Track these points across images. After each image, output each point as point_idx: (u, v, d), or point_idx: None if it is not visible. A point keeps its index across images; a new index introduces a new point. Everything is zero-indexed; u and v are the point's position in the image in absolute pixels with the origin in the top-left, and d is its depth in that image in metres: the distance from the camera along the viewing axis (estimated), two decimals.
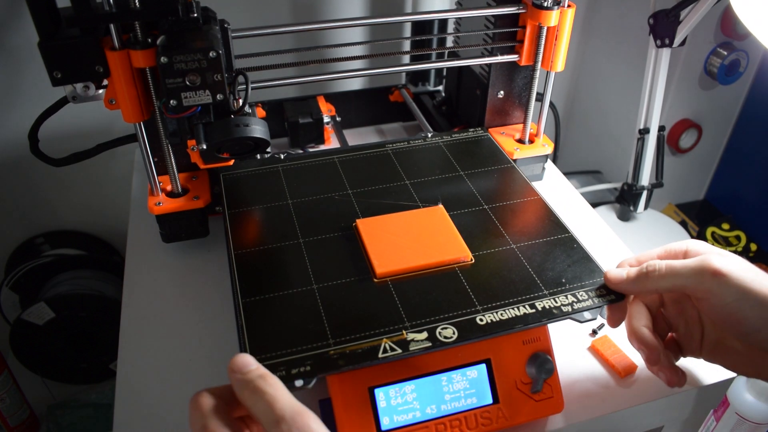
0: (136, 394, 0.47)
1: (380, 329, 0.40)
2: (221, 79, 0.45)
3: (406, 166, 0.58)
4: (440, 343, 0.39)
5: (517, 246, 0.48)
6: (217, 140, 0.48)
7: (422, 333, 0.40)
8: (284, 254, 0.47)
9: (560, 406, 0.44)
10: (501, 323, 0.41)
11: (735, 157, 1.02)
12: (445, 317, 0.41)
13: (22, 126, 0.58)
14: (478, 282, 0.45)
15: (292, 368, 0.38)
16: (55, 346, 0.83)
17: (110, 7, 0.42)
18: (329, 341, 0.40)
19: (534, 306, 0.42)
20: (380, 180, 0.56)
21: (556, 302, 0.43)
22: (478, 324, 0.41)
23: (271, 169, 0.57)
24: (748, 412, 0.75)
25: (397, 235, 0.48)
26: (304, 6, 0.80)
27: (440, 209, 0.51)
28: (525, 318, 0.41)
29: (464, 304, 0.42)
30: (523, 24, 0.59)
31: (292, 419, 0.32)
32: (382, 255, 0.46)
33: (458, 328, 0.41)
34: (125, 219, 0.64)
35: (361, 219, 0.50)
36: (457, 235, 0.48)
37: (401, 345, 0.39)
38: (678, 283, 0.40)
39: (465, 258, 0.46)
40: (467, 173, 0.57)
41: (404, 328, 0.40)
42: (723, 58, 0.87)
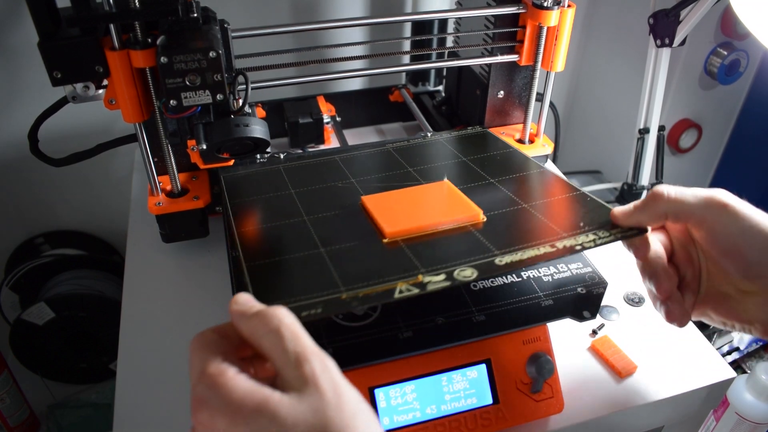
0: (136, 394, 0.47)
1: (395, 276, 0.38)
2: (221, 79, 0.45)
3: (407, 158, 0.58)
4: (458, 281, 0.38)
5: (530, 205, 0.47)
6: (217, 140, 0.48)
7: (440, 275, 0.38)
8: (288, 230, 0.46)
9: (560, 406, 0.44)
10: (522, 262, 0.39)
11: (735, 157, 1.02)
12: (462, 261, 0.40)
13: (22, 126, 0.57)
14: (493, 235, 0.43)
15: (302, 311, 0.35)
16: (55, 346, 0.83)
17: (110, 7, 0.42)
18: (340, 289, 0.38)
19: (554, 245, 0.41)
20: (382, 169, 0.55)
21: (578, 240, 0.41)
22: (497, 264, 0.39)
23: (271, 168, 0.57)
24: (748, 412, 0.75)
25: (405, 205, 0.48)
26: (304, 6, 0.80)
27: (446, 183, 0.51)
28: (547, 255, 0.40)
29: (480, 250, 0.41)
30: (523, 24, 0.59)
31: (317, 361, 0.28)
32: (390, 219, 0.45)
33: (477, 268, 0.39)
34: (125, 219, 0.64)
35: (366, 195, 0.49)
36: (466, 199, 0.47)
37: (418, 286, 0.37)
38: (686, 210, 0.40)
39: (476, 217, 0.45)
40: (470, 158, 0.57)
41: (419, 273, 0.39)
42: (723, 58, 0.87)
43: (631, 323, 0.52)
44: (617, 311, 0.53)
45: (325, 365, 0.29)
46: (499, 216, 0.46)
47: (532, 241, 0.42)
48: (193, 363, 0.30)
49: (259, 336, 0.30)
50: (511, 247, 0.41)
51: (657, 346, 0.50)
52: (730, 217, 0.39)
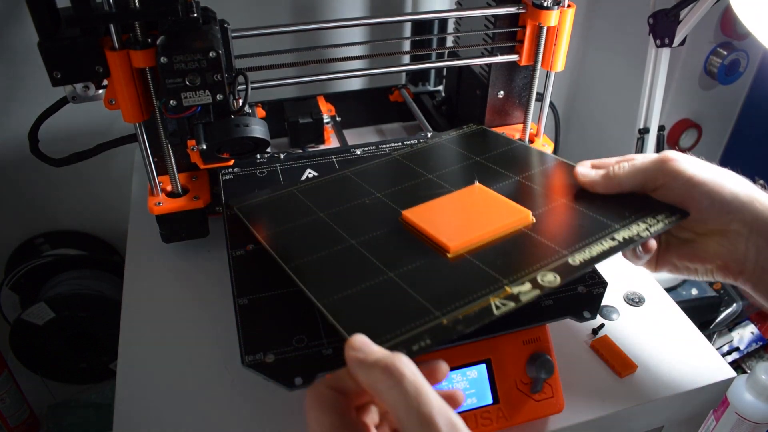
0: (136, 394, 0.47)
1: (479, 292, 0.38)
2: (221, 79, 0.45)
3: (421, 164, 0.57)
4: (546, 288, 0.38)
5: (567, 200, 0.48)
6: (217, 140, 0.48)
7: (525, 284, 0.38)
8: (342, 258, 0.44)
9: (560, 406, 0.44)
10: (594, 259, 0.40)
11: (735, 157, 1.02)
12: (539, 266, 0.40)
13: (22, 126, 0.57)
14: (550, 234, 0.43)
15: (412, 345, 0.34)
16: (55, 346, 0.83)
17: (110, 7, 0.42)
18: (435, 314, 0.37)
19: (614, 238, 0.42)
20: (402, 179, 0.54)
21: (633, 230, 0.42)
22: (572, 264, 0.39)
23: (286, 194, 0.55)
24: (748, 412, 0.75)
25: (450, 215, 0.47)
26: (304, 6, 0.80)
27: (479, 186, 0.50)
28: (612, 250, 0.41)
29: (549, 253, 0.41)
30: (523, 24, 0.59)
31: (443, 420, 0.26)
32: (447, 232, 0.44)
33: (556, 272, 0.39)
34: (125, 219, 0.64)
35: (406, 210, 0.47)
36: (508, 201, 0.47)
37: (511, 299, 0.37)
38: (640, 177, 0.45)
39: (527, 218, 0.45)
40: (483, 157, 0.57)
41: (504, 284, 0.38)
42: (723, 58, 0.87)
43: (631, 323, 0.52)
44: (617, 311, 0.53)
45: (453, 424, 0.27)
46: (545, 214, 0.46)
47: (591, 236, 0.42)
48: (311, 425, 0.29)
49: (380, 390, 0.28)
50: (575, 245, 0.42)
51: (657, 346, 0.50)
52: (678, 172, 0.43)
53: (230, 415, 0.45)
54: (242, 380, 0.47)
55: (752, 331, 0.89)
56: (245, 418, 0.45)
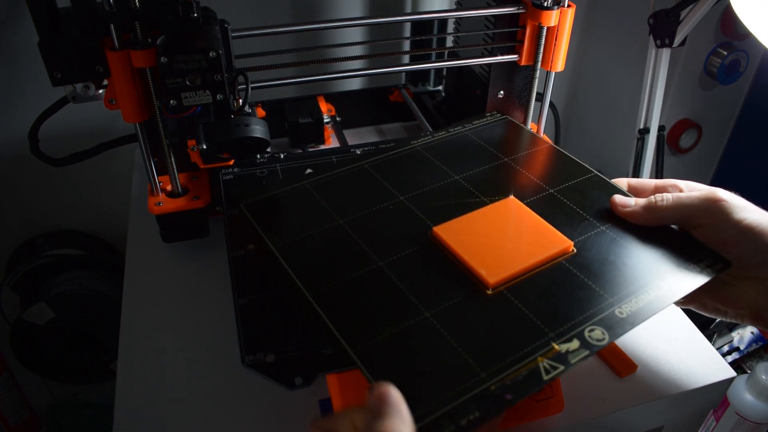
0: (136, 394, 0.47)
1: (524, 347, 0.36)
2: (221, 79, 0.45)
3: (444, 160, 0.53)
4: (596, 347, 0.36)
5: (607, 227, 0.45)
6: (217, 140, 0.48)
7: (573, 341, 0.36)
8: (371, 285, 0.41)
9: (560, 406, 0.44)
10: (640, 312, 0.38)
11: (735, 157, 1.02)
12: (585, 318, 0.38)
13: (22, 126, 0.57)
14: (593, 271, 0.41)
15: (461, 419, 0.32)
16: (55, 346, 0.83)
17: (110, 7, 0.42)
18: (480, 375, 0.34)
19: (660, 287, 0.40)
20: (426, 180, 0.51)
21: (678, 279, 0.41)
22: (620, 317, 0.38)
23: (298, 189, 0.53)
24: (748, 412, 0.75)
25: (485, 236, 0.43)
26: (304, 6, 0.80)
27: (513, 200, 0.47)
28: (658, 301, 0.39)
29: (595, 300, 0.39)
30: (523, 24, 0.59)
31: None
32: (485, 262, 0.41)
33: (603, 326, 0.37)
34: (125, 219, 0.64)
35: (437, 226, 0.44)
36: (547, 225, 0.45)
37: (560, 360, 0.35)
38: (684, 214, 0.43)
39: (568, 248, 0.43)
40: (512, 158, 0.54)
41: (551, 339, 0.36)
42: (723, 58, 0.87)
43: None
44: None
45: None
46: (586, 243, 0.44)
47: (635, 282, 0.40)
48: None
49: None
50: (618, 291, 0.40)
51: (657, 346, 0.50)
52: (725, 215, 0.41)
53: (230, 415, 0.45)
54: (242, 380, 0.47)
55: (752, 331, 0.89)
56: (245, 418, 0.45)
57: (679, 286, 0.40)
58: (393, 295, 0.40)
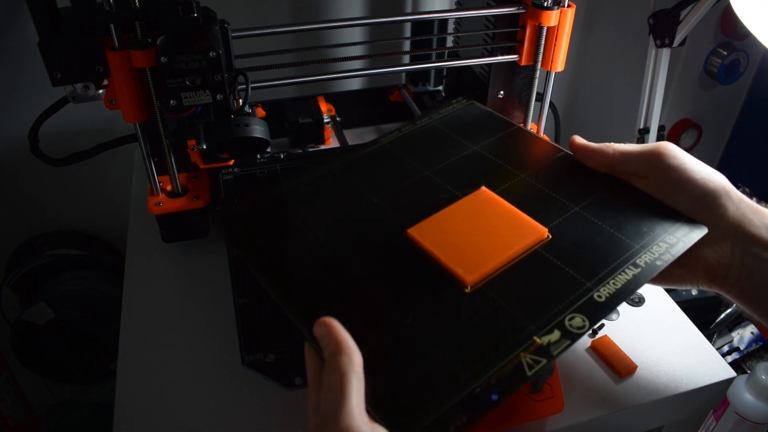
0: (136, 394, 0.47)
1: (506, 344, 0.35)
2: (221, 79, 0.45)
3: (413, 154, 0.52)
4: (577, 336, 0.35)
5: (580, 207, 0.45)
6: (217, 140, 0.48)
7: (554, 332, 0.36)
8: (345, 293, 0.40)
9: (560, 406, 0.44)
10: (618, 293, 0.38)
11: (735, 157, 1.02)
12: (563, 306, 0.37)
13: (22, 126, 0.57)
14: (569, 257, 0.41)
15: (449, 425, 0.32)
16: (55, 346, 0.83)
17: (110, 7, 0.42)
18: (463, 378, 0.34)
19: (637, 264, 0.40)
20: (396, 177, 0.50)
21: (654, 253, 0.40)
22: (598, 301, 0.37)
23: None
24: (748, 412, 0.75)
25: (460, 233, 0.43)
26: (304, 6, 0.80)
27: (485, 191, 0.46)
28: (636, 279, 0.38)
29: (572, 286, 0.39)
30: (523, 24, 0.59)
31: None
32: (462, 261, 0.40)
33: (583, 312, 0.37)
34: (125, 219, 0.64)
35: (412, 228, 0.43)
36: (521, 214, 0.44)
37: (542, 353, 0.35)
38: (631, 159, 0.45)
39: (543, 235, 0.42)
40: (481, 146, 0.53)
41: (532, 333, 0.36)
42: (723, 58, 0.87)
43: (631, 323, 0.52)
44: (617, 311, 0.53)
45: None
46: (559, 228, 0.43)
47: (612, 262, 0.40)
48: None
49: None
50: (596, 274, 0.39)
51: (657, 346, 0.50)
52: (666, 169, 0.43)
53: (230, 415, 0.45)
54: (242, 380, 0.47)
55: (752, 331, 0.89)
56: (245, 418, 0.45)
57: (655, 263, 0.40)
58: (372, 303, 0.39)
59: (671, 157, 0.43)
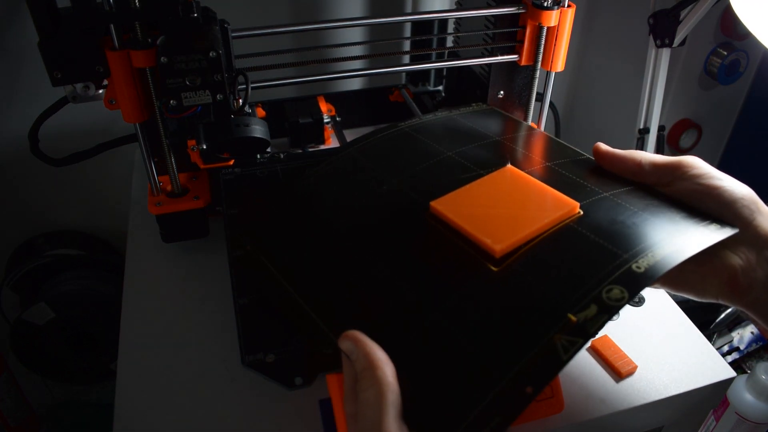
0: (136, 394, 0.47)
1: (539, 327, 0.33)
2: (221, 79, 0.45)
3: (435, 139, 0.50)
4: (615, 308, 0.33)
5: (611, 194, 0.43)
6: (217, 140, 0.48)
7: (591, 307, 0.33)
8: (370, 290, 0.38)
9: (560, 406, 0.44)
10: (658, 265, 0.35)
11: (735, 157, 1.02)
12: (601, 278, 0.34)
13: (22, 126, 0.57)
14: (604, 231, 0.38)
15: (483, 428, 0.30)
16: (55, 346, 0.83)
17: (110, 7, 0.42)
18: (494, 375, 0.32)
19: (674, 243, 0.37)
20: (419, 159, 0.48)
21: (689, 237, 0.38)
22: (637, 272, 0.35)
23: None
24: (748, 412, 0.75)
25: (487, 206, 0.40)
26: (304, 6, 0.80)
27: (512, 169, 0.44)
28: (675, 254, 0.36)
29: (608, 258, 0.36)
30: (523, 24, 0.59)
31: None
32: (489, 230, 0.38)
33: (621, 284, 0.34)
34: (125, 219, 0.64)
35: (435, 200, 0.41)
36: (550, 189, 0.42)
37: (578, 332, 0.32)
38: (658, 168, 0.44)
39: (574, 209, 0.40)
40: (504, 138, 0.51)
41: (566, 311, 0.33)
42: (723, 58, 0.87)
43: (631, 323, 0.52)
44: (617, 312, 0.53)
45: None
46: (592, 206, 0.41)
47: (649, 238, 0.37)
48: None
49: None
50: (633, 247, 0.36)
51: (657, 346, 0.50)
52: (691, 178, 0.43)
53: (230, 415, 0.45)
54: (242, 380, 0.47)
55: (752, 331, 0.89)
56: (245, 418, 0.45)
57: (693, 242, 0.37)
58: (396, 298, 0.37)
59: (697, 168, 0.43)
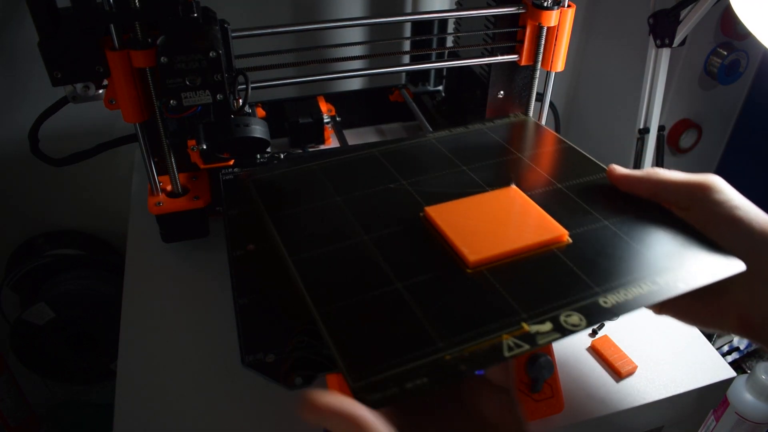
0: (136, 394, 0.47)
1: (492, 324, 0.35)
2: (221, 79, 0.45)
3: (456, 152, 0.53)
4: (569, 332, 0.34)
5: (611, 222, 0.43)
6: (217, 140, 0.48)
7: (546, 324, 0.35)
8: (350, 256, 0.41)
9: (560, 406, 0.44)
10: (626, 304, 0.36)
11: (735, 157, 1.02)
12: (564, 303, 0.36)
13: (22, 126, 0.58)
14: (584, 262, 0.39)
15: (406, 382, 0.32)
16: (55, 346, 0.83)
17: (110, 7, 0.42)
18: (438, 344, 0.34)
19: (655, 281, 0.38)
20: (432, 167, 0.50)
21: (677, 276, 0.38)
22: (603, 306, 0.36)
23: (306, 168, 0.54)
24: (748, 412, 0.75)
25: (476, 220, 0.42)
26: (304, 6, 0.80)
27: (514, 189, 0.46)
28: (650, 295, 0.37)
29: (579, 287, 0.37)
30: (523, 24, 0.59)
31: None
32: (470, 241, 0.40)
33: (583, 313, 0.35)
34: (125, 219, 0.64)
35: (430, 206, 0.44)
36: (544, 213, 0.43)
37: (526, 339, 0.34)
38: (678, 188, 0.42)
39: (562, 237, 0.41)
40: (526, 155, 0.52)
41: (522, 320, 0.35)
42: (723, 58, 0.87)
43: (631, 323, 0.52)
44: None
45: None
46: (583, 235, 0.42)
47: (628, 275, 0.38)
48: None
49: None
50: (609, 282, 0.38)
51: (657, 346, 0.50)
52: (711, 204, 0.41)
53: (230, 415, 0.45)
54: (242, 380, 0.47)
55: None
56: (245, 418, 0.45)
57: (676, 284, 0.38)
58: (370, 267, 0.40)
59: (718, 192, 0.41)
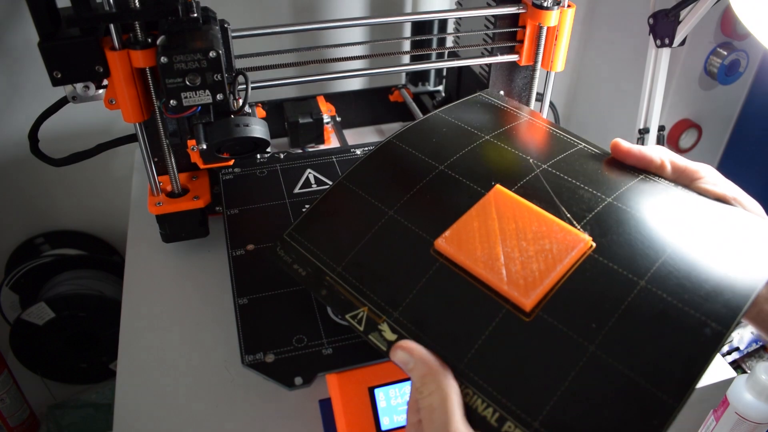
0: (136, 394, 0.47)
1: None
2: (221, 79, 0.45)
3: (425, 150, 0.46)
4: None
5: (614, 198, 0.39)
6: (217, 140, 0.48)
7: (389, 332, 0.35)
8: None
9: None
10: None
11: (735, 157, 1.02)
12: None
13: (22, 126, 0.58)
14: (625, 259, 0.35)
15: (298, 265, 0.40)
16: (55, 346, 0.83)
17: (110, 7, 0.42)
18: (337, 269, 0.36)
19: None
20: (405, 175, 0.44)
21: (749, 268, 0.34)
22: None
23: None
24: (748, 412, 0.75)
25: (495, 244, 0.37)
26: (304, 6, 0.80)
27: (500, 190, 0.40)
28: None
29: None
30: (523, 24, 0.59)
31: None
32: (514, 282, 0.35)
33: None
34: (125, 219, 0.64)
35: (438, 240, 0.38)
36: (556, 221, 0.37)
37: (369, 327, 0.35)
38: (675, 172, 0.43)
39: (587, 244, 0.36)
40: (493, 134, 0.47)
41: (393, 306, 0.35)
42: (723, 58, 0.87)
43: None
44: None
45: None
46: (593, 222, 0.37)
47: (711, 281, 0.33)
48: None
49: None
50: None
51: None
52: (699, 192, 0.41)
53: (230, 415, 0.45)
54: (242, 380, 0.47)
55: (752, 331, 0.89)
56: (245, 418, 0.45)
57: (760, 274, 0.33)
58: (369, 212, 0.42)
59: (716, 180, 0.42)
